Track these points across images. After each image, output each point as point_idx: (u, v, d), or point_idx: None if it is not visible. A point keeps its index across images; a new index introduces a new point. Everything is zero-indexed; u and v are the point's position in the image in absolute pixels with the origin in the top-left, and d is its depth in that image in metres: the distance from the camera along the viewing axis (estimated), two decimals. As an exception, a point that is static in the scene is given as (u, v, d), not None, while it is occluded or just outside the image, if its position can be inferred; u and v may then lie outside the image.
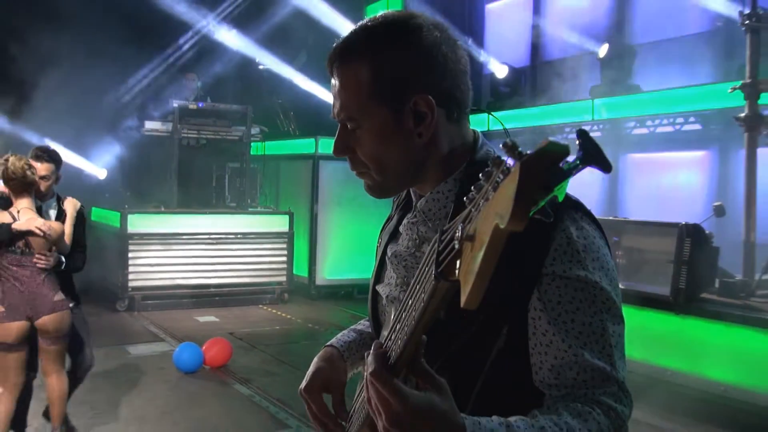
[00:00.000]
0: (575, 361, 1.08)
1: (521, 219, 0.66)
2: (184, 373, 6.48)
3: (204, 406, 5.73)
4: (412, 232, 1.30)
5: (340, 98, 1.22)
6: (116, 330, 8.16)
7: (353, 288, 10.78)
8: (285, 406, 5.68)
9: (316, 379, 1.40)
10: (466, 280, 0.74)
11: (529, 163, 0.67)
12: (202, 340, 6.91)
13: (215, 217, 10.22)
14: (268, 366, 6.96)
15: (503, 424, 0.97)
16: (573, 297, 1.09)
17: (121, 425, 5.20)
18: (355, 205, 10.47)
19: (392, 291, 1.33)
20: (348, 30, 1.26)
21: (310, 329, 8.77)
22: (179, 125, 10.39)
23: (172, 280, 9.64)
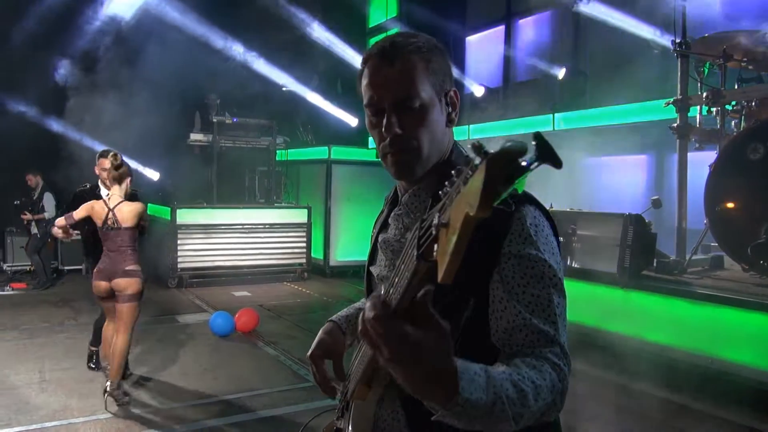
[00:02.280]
0: (524, 324, 1.07)
1: (487, 207, 0.65)
2: (220, 336, 6.46)
3: (239, 364, 5.70)
4: (398, 223, 1.32)
5: (400, 82, 1.19)
6: (168, 303, 8.14)
7: (360, 268, 10.72)
8: (305, 364, 5.65)
9: (319, 348, 1.45)
10: (442, 260, 0.73)
11: (493, 160, 0.66)
12: (237, 310, 6.88)
13: (247, 210, 10.19)
14: (290, 331, 6.93)
15: (483, 369, 0.93)
16: (525, 272, 1.10)
17: (171, 379, 5.18)
18: (360, 201, 10.49)
19: (382, 271, 1.35)
20: (353, 54, 1.29)
21: (325, 301, 8.74)
22: (218, 136, 10.38)
23: (213, 261, 9.62)
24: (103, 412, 4.41)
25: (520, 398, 0.95)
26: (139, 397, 4.74)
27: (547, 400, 1.00)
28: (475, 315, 1.13)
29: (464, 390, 0.86)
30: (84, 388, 4.90)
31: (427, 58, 1.21)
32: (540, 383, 0.99)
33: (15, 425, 4.16)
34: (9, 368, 5.35)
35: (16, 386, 4.92)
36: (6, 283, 9.29)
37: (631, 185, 7.75)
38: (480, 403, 0.88)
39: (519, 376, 0.98)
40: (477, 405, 0.88)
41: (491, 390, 0.91)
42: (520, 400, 0.95)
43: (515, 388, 0.95)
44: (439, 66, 1.22)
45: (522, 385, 0.96)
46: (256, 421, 4.37)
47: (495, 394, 0.91)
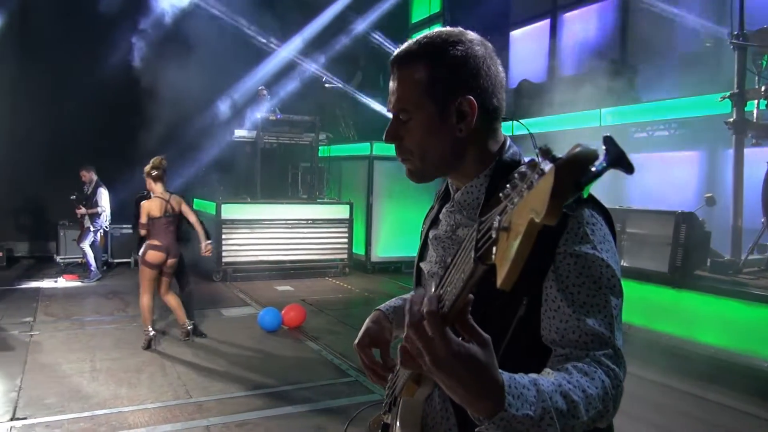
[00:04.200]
0: (577, 325, 1.04)
1: (555, 215, 0.63)
2: (266, 331, 6.54)
3: (282, 358, 5.76)
4: (450, 219, 1.29)
5: (397, 93, 1.20)
6: (213, 296, 8.28)
7: (401, 264, 10.80)
8: (346, 359, 5.67)
9: (366, 336, 1.42)
10: (501, 265, 0.71)
11: (562, 166, 0.64)
12: (281, 305, 6.95)
13: (290, 206, 10.27)
14: (332, 326, 6.97)
15: (532, 382, 0.91)
16: (580, 272, 1.06)
17: (215, 371, 5.26)
18: (402, 197, 10.47)
19: (432, 267, 1.32)
20: (395, 50, 1.25)
21: (367, 297, 8.76)
22: (262, 133, 10.50)
23: (257, 256, 9.74)
24: (152, 402, 4.52)
25: (570, 410, 0.93)
26: (183, 388, 4.83)
27: (598, 408, 0.97)
28: (528, 315, 1.09)
29: (511, 406, 0.86)
30: (133, 378, 5.02)
31: (430, 67, 1.16)
32: (591, 392, 0.96)
33: (68, 412, 4.29)
34: (62, 357, 5.53)
35: (68, 375, 5.07)
36: (59, 274, 9.61)
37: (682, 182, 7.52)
38: (526, 418, 0.87)
39: (570, 386, 0.95)
40: (523, 421, 0.87)
41: (540, 404, 0.89)
42: (570, 412, 0.92)
43: (565, 400, 0.92)
44: (447, 73, 1.16)
45: (573, 396, 0.94)
46: (299, 414, 4.40)
47: (543, 409, 0.89)
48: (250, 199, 10.28)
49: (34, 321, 6.84)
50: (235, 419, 4.26)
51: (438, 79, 1.16)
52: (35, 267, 10.55)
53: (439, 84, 1.17)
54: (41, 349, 5.75)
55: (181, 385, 4.91)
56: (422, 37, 1.21)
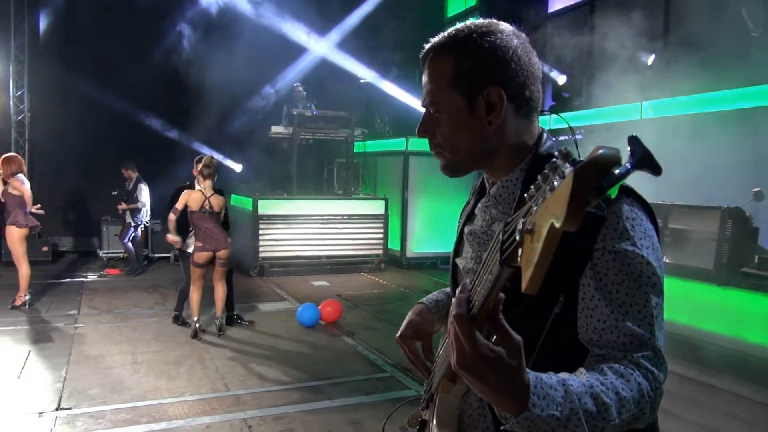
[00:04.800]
0: (616, 325, 1.01)
1: (574, 221, 0.61)
2: (303, 326, 6.58)
3: (318, 353, 5.79)
4: (485, 214, 1.27)
5: (428, 87, 1.20)
6: (250, 291, 8.38)
7: (437, 259, 10.76)
8: (382, 354, 5.67)
9: (408, 328, 1.41)
10: (526, 268, 0.69)
11: (581, 171, 0.61)
12: (317, 300, 6.99)
13: (326, 202, 10.33)
14: (368, 322, 6.98)
15: (560, 382, 0.90)
16: (620, 270, 1.02)
17: (252, 365, 5.32)
18: (438, 192, 10.43)
19: (468, 263, 1.30)
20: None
21: (402, 292, 8.75)
22: (298, 129, 10.57)
23: (293, 251, 9.82)
24: (191, 394, 4.59)
25: (601, 411, 0.91)
26: (221, 381, 4.90)
27: (632, 412, 0.95)
28: (564, 313, 1.06)
29: (535, 406, 0.85)
30: (173, 371, 5.11)
31: (458, 59, 1.14)
32: (626, 394, 0.94)
33: (110, 403, 4.40)
34: (105, 349, 5.66)
35: (111, 366, 5.19)
36: (101, 268, 9.86)
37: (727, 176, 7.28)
38: (552, 418, 0.87)
39: (602, 387, 0.93)
40: (548, 421, 0.87)
41: (567, 405, 0.88)
42: (600, 414, 0.91)
43: (595, 402, 0.91)
44: (475, 64, 1.13)
45: (604, 398, 0.92)
46: (335, 409, 4.42)
47: (571, 409, 0.88)
48: (287, 194, 10.37)
49: (79, 314, 7.02)
50: (272, 413, 4.30)
51: (465, 70, 1.14)
52: (79, 261, 10.84)
53: (466, 76, 1.14)
54: (85, 341, 5.90)
55: (220, 378, 4.98)
56: (451, 29, 1.20)
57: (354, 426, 4.13)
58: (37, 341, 5.88)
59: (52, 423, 4.03)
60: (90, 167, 10.94)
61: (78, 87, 10.62)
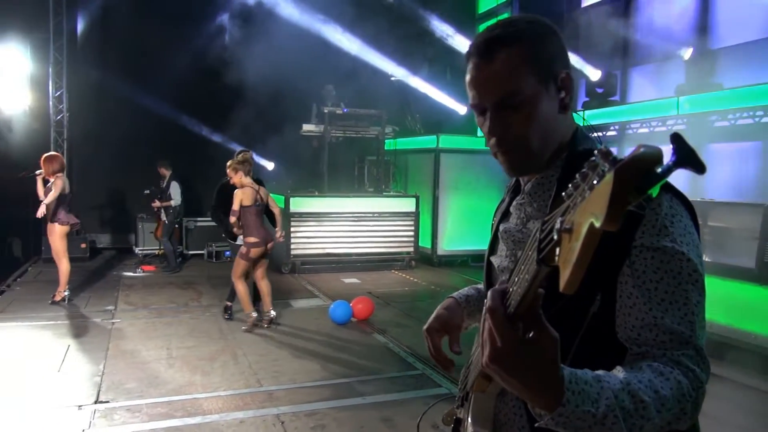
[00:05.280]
0: (654, 323, 0.99)
1: (614, 221, 0.60)
2: (334, 323, 6.61)
3: (349, 350, 5.81)
4: (520, 212, 1.25)
5: (499, 79, 1.11)
6: (282, 288, 8.44)
7: (468, 257, 10.70)
8: (413, 352, 5.67)
9: (436, 321, 1.40)
10: (564, 268, 0.68)
11: (622, 170, 0.60)
12: (348, 297, 7.01)
13: (357, 199, 10.36)
14: (399, 319, 6.97)
15: (596, 379, 0.89)
16: (659, 267, 1.00)
17: (284, 361, 5.36)
18: (469, 190, 10.38)
19: (503, 262, 1.29)
20: (462, 41, 1.20)
21: (433, 290, 8.72)
22: (329, 127, 10.62)
23: (324, 249, 9.88)
24: (224, 389, 4.65)
25: (639, 409, 0.89)
26: (255, 377, 4.95)
27: (673, 411, 0.93)
28: (601, 311, 1.04)
29: (569, 402, 0.84)
30: (206, 366, 5.19)
31: (530, 45, 1.11)
32: (665, 393, 0.92)
33: (147, 397, 4.48)
34: (141, 344, 5.77)
35: (147, 361, 5.29)
36: (137, 265, 10.05)
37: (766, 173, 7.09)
38: (587, 415, 0.86)
39: (640, 385, 0.91)
40: (583, 417, 0.86)
41: (603, 401, 0.87)
42: (638, 412, 0.89)
43: (633, 399, 0.89)
44: (546, 49, 1.12)
45: (642, 396, 0.90)
46: (367, 406, 4.43)
47: (607, 406, 0.87)
48: (318, 192, 10.43)
49: (116, 309, 7.18)
50: (304, 408, 4.33)
51: (539, 55, 1.12)
52: (116, 258, 11.07)
53: (540, 60, 1.12)
54: (122, 336, 6.03)
55: (253, 373, 5.03)
56: (502, 22, 1.16)
57: (386, 423, 4.14)
58: (77, 336, 6.03)
59: (90, 416, 4.13)
60: (126, 166, 11.16)
61: (114, 87, 10.83)
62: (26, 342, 5.80)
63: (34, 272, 9.48)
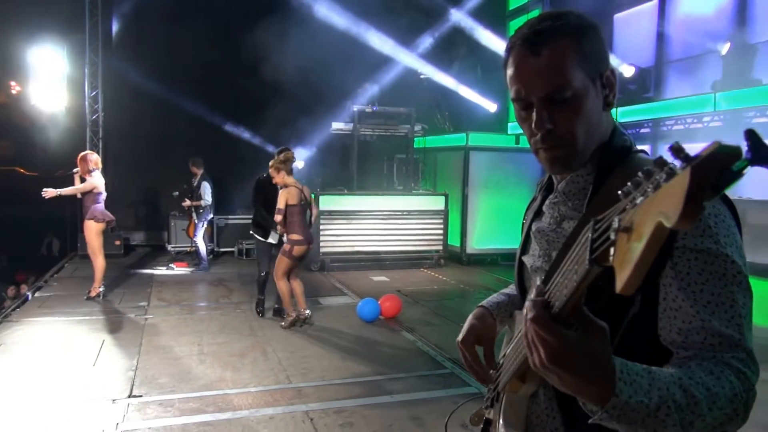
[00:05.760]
0: (702, 326, 0.97)
1: (689, 220, 0.58)
2: (363, 321, 6.62)
3: (378, 348, 5.81)
4: (554, 211, 1.22)
5: (548, 73, 1.08)
6: (311, 285, 8.48)
7: (497, 256, 10.62)
8: (442, 351, 5.64)
9: (470, 333, 1.37)
10: (621, 268, 0.67)
11: (700, 167, 0.58)
12: (377, 295, 7.02)
13: (386, 197, 10.35)
14: (428, 318, 6.95)
15: (646, 370, 0.88)
16: (703, 269, 0.98)
17: (313, 358, 5.39)
18: (498, 188, 10.30)
19: (536, 262, 1.26)
20: (492, 38, 1.17)
21: (462, 289, 8.68)
22: (358, 125, 10.64)
23: (353, 247, 9.90)
24: (254, 385, 4.70)
25: (690, 405, 0.87)
26: (284, 373, 4.99)
27: (725, 410, 0.90)
28: (642, 312, 1.02)
29: (622, 392, 0.84)
30: (236, 362, 5.24)
31: (578, 40, 1.08)
32: (717, 391, 0.90)
33: (179, 392, 4.55)
34: (173, 340, 5.86)
35: (179, 357, 5.37)
36: (170, 262, 10.20)
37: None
38: (641, 406, 0.85)
39: (691, 381, 0.90)
40: (637, 408, 0.84)
41: (655, 393, 0.86)
42: (689, 407, 0.87)
43: (684, 393, 0.88)
44: (593, 46, 1.10)
45: (693, 391, 0.88)
46: (396, 404, 4.42)
47: (660, 398, 0.86)
48: (347, 190, 10.45)
49: (149, 305, 7.30)
50: (333, 406, 4.35)
51: (587, 51, 1.09)
52: (149, 255, 11.26)
53: (588, 56, 1.09)
54: (155, 332, 6.13)
55: (282, 370, 5.07)
56: (548, 15, 1.12)
57: (414, 422, 4.13)
58: (111, 331, 6.15)
59: (124, 409, 4.21)
60: (159, 164, 11.36)
61: (148, 86, 11.01)
62: (63, 336, 5.94)
63: (71, 268, 9.70)
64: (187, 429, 3.93)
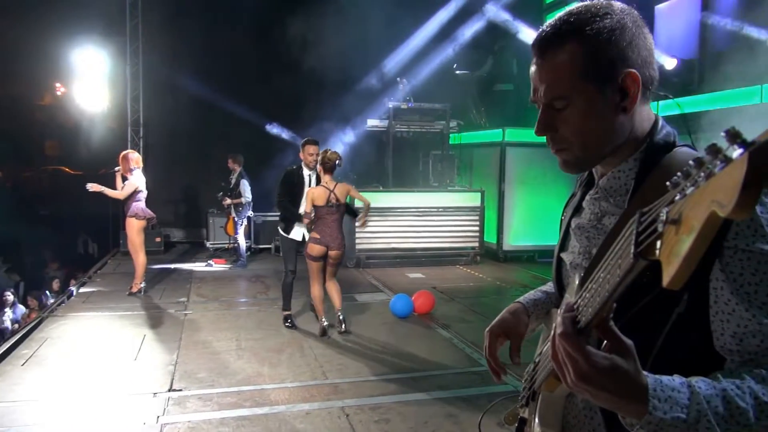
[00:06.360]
0: (759, 329, 0.92)
1: (746, 208, 0.56)
2: (397, 317, 6.63)
3: (413, 345, 5.80)
4: (594, 207, 1.19)
5: (548, 80, 1.09)
6: (348, 282, 8.52)
7: (535, 253, 10.50)
8: (478, 348, 5.61)
9: (499, 326, 1.39)
10: (669, 262, 0.65)
11: (758, 152, 0.56)
12: (411, 292, 7.01)
13: (421, 194, 10.33)
14: (463, 315, 6.92)
15: (685, 384, 0.86)
16: (757, 269, 0.93)
17: (350, 355, 5.42)
18: (535, 184, 10.17)
19: (575, 258, 1.23)
20: (529, 32, 1.14)
21: (498, 286, 8.61)
22: (393, 121, 10.64)
23: (388, 244, 9.90)
24: (291, 381, 4.74)
25: (735, 415, 0.86)
26: (320, 369, 5.03)
27: None
28: (688, 314, 0.98)
29: (656, 409, 0.84)
30: (273, 358, 5.30)
31: (586, 46, 1.05)
32: (767, 399, 0.87)
33: (217, 386, 4.62)
34: (211, 335, 5.96)
35: (217, 352, 5.46)
36: (208, 258, 10.38)
37: None
38: (678, 421, 0.84)
39: (738, 391, 0.87)
40: (674, 423, 0.84)
41: (694, 408, 0.85)
42: (734, 417, 0.86)
43: (728, 405, 0.86)
44: (605, 51, 1.04)
45: (738, 402, 0.86)
46: (431, 401, 4.41)
47: (698, 412, 0.85)
48: (382, 187, 10.46)
49: (188, 301, 7.44)
50: (368, 402, 4.36)
51: (594, 56, 1.05)
52: (189, 251, 11.48)
53: (596, 62, 1.05)
54: (194, 327, 6.24)
55: (318, 366, 5.11)
56: (565, 14, 1.10)
57: (450, 419, 4.11)
58: (152, 326, 6.28)
59: (164, 403, 4.30)
60: (198, 162, 11.57)
61: (187, 86, 11.23)
62: (106, 331, 6.10)
63: (113, 265, 9.95)
64: (226, 423, 3.99)
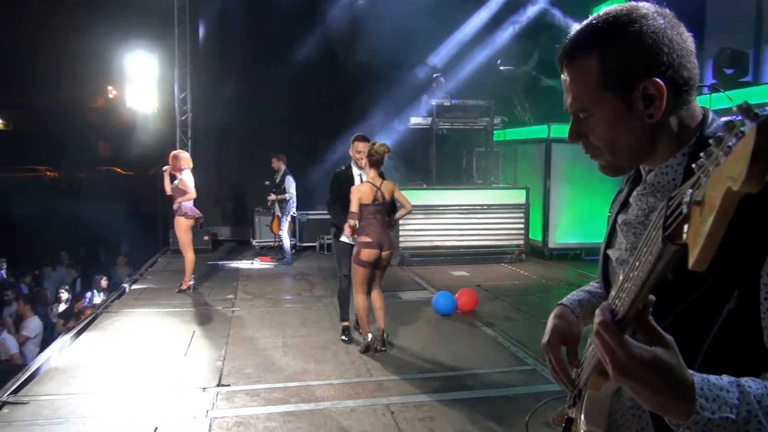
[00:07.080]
0: None
1: (757, 180, 0.55)
2: (440, 315, 6.61)
3: (457, 343, 5.78)
4: (642, 203, 1.18)
5: (572, 92, 1.11)
6: (391, 280, 8.51)
7: (581, 251, 10.31)
8: (523, 347, 5.55)
9: (555, 334, 1.33)
10: (694, 243, 0.64)
11: (765, 123, 0.55)
12: (455, 290, 6.98)
13: (465, 191, 10.28)
14: (508, 313, 6.85)
15: (734, 383, 0.83)
16: None
17: (394, 353, 5.43)
18: (582, 182, 9.96)
19: (622, 255, 1.21)
20: (574, 29, 1.14)
21: (544, 284, 8.49)
22: (436, 119, 10.61)
23: (432, 241, 9.88)
24: (336, 378, 4.79)
25: None
26: (365, 367, 5.06)
27: None
28: (739, 309, 0.95)
29: (704, 408, 0.81)
30: (318, 355, 5.36)
31: (604, 55, 1.04)
32: None
33: (264, 382, 4.71)
34: (258, 332, 6.07)
35: (264, 348, 5.56)
36: (254, 256, 10.56)
37: None
38: (726, 422, 0.81)
39: None
40: (722, 424, 0.81)
41: (743, 408, 0.82)
42: None
43: None
44: (623, 60, 1.03)
45: None
46: (475, 400, 4.39)
47: (748, 412, 0.82)
48: (426, 185, 10.44)
49: (235, 298, 7.59)
50: (413, 400, 4.37)
51: (614, 67, 1.04)
52: (235, 249, 11.70)
53: (616, 73, 1.04)
54: (241, 324, 6.37)
55: (363, 363, 5.14)
56: (587, 24, 1.09)
57: (496, 419, 4.08)
58: (201, 322, 6.44)
59: (213, 398, 4.40)
60: (244, 161, 11.77)
61: (233, 86, 11.44)
62: (156, 327, 6.28)
63: (164, 263, 10.23)
64: (272, 418, 4.06)
